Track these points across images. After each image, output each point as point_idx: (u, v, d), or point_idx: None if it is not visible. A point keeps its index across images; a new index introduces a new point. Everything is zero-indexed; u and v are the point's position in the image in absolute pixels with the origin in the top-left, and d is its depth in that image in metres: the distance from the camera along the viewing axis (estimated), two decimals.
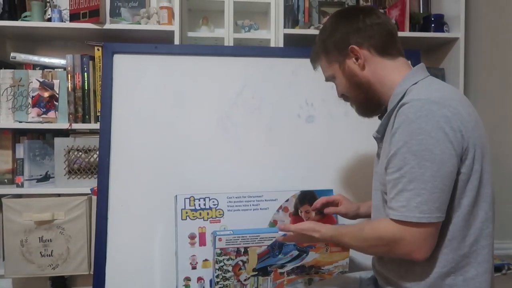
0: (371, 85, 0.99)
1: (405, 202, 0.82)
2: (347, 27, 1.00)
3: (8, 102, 1.88)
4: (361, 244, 0.94)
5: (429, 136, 0.80)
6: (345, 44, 0.99)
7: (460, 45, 2.05)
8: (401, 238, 0.83)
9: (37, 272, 1.81)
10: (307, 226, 1.04)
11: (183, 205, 1.35)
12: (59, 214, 1.79)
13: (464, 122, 0.83)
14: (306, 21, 2.07)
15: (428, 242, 0.83)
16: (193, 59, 1.58)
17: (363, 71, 0.99)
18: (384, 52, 0.98)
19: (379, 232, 0.87)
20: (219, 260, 1.23)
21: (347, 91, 1.05)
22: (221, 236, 1.22)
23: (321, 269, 1.32)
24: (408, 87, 0.91)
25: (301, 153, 1.55)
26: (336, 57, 1.02)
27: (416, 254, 0.83)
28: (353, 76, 1.00)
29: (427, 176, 0.80)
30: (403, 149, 0.82)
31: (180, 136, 1.52)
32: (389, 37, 1.00)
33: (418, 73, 0.95)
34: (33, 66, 1.96)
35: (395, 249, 0.85)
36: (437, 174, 0.80)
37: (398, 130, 0.84)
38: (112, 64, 1.55)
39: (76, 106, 1.89)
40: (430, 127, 0.80)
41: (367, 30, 0.98)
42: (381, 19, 1.00)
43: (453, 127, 0.81)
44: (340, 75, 1.03)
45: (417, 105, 0.82)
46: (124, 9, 1.99)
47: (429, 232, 0.82)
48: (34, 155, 1.91)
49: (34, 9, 1.89)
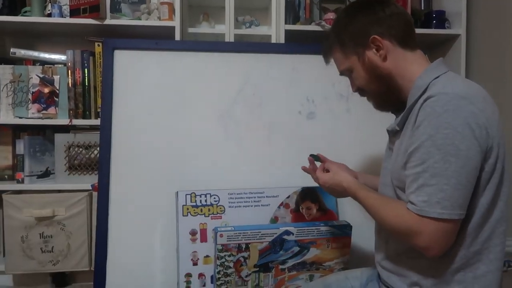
0: (392, 77, 0.96)
1: (426, 197, 0.80)
2: (366, 18, 0.96)
3: (8, 98, 1.87)
4: (379, 218, 0.94)
5: (455, 131, 0.78)
6: (365, 35, 0.95)
7: (462, 41, 2.04)
8: (419, 232, 0.81)
9: (38, 268, 1.81)
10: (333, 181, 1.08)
11: (184, 201, 1.35)
12: (60, 210, 1.80)
13: (490, 120, 0.82)
14: (307, 17, 2.06)
15: (445, 239, 0.81)
16: (194, 55, 1.58)
17: (384, 62, 0.95)
18: (404, 43, 0.96)
19: (398, 219, 0.86)
20: (221, 256, 1.23)
21: (367, 84, 1.00)
22: (222, 232, 1.22)
23: (322, 265, 1.32)
24: (430, 80, 0.89)
25: (302, 150, 1.54)
26: (354, 49, 0.98)
27: (431, 250, 0.82)
28: (374, 68, 0.96)
29: (451, 172, 0.78)
30: (427, 143, 0.80)
31: (181, 132, 1.52)
32: (408, 28, 0.97)
33: (440, 67, 0.93)
34: (33, 62, 1.95)
35: (411, 240, 0.84)
36: (462, 170, 0.78)
37: (423, 123, 0.82)
38: (112, 60, 1.54)
39: (76, 102, 1.89)
40: (457, 122, 0.78)
41: (387, 20, 0.95)
42: (399, 9, 0.98)
43: (479, 124, 0.79)
44: (359, 67, 0.99)
45: (445, 99, 0.80)
46: (124, 5, 1.98)
47: (449, 229, 0.80)
48: (35, 151, 1.91)
49: (34, 4, 1.88)
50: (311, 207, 1.43)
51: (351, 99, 1.60)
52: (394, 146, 0.98)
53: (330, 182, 1.09)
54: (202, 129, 1.53)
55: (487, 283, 0.86)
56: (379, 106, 1.04)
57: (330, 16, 2.02)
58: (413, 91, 0.92)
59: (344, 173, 1.09)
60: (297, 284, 1.31)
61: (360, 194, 1.00)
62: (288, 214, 1.41)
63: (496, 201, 0.85)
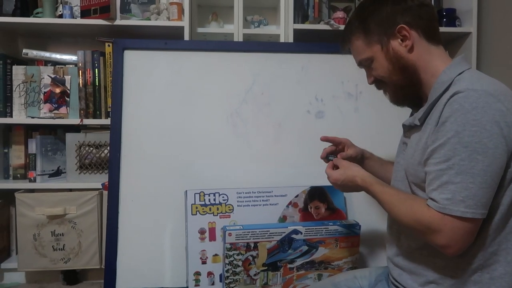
0: (416, 69, 0.93)
1: (450, 194, 0.78)
2: (394, 6, 0.93)
3: (20, 98, 1.90)
4: (395, 214, 0.91)
5: (483, 128, 0.76)
6: (392, 24, 0.92)
7: (473, 39, 2.02)
8: (438, 229, 0.80)
9: (49, 266, 1.84)
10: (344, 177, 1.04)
11: (193, 200, 1.35)
12: (71, 209, 1.82)
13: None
14: (316, 16, 2.06)
15: (466, 239, 0.80)
16: (203, 55, 1.58)
17: (410, 53, 0.92)
18: (430, 37, 0.93)
19: (417, 216, 0.84)
20: (229, 255, 1.24)
21: (388, 75, 0.96)
22: (231, 231, 1.23)
23: (330, 265, 1.32)
24: (455, 76, 0.87)
25: (310, 149, 1.54)
26: (379, 38, 0.95)
27: (450, 249, 0.80)
28: (398, 59, 0.93)
29: (477, 170, 0.76)
30: (454, 140, 0.78)
31: (190, 131, 1.53)
32: (434, 22, 0.95)
33: (463, 63, 0.91)
34: (45, 62, 1.98)
35: (429, 237, 0.82)
36: (488, 169, 0.76)
37: (450, 119, 0.79)
38: (122, 60, 1.56)
39: (87, 102, 1.91)
40: (485, 119, 0.76)
41: (416, 10, 0.92)
42: (427, 1, 0.95)
43: (508, 123, 0.78)
44: (382, 57, 0.95)
45: (474, 96, 0.78)
46: (134, 5, 2.00)
47: (470, 228, 0.79)
48: (46, 150, 1.93)
49: (45, 6, 1.90)
50: (319, 206, 1.43)
51: (360, 98, 1.60)
52: (410, 141, 0.96)
53: (341, 178, 1.04)
54: (211, 128, 1.54)
55: (503, 285, 0.84)
56: (397, 99, 1.01)
57: (339, 15, 2.01)
58: (436, 85, 0.89)
59: (356, 167, 1.05)
60: (306, 283, 1.31)
61: (375, 188, 0.96)
62: (297, 213, 1.41)
63: None
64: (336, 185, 1.08)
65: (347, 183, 1.04)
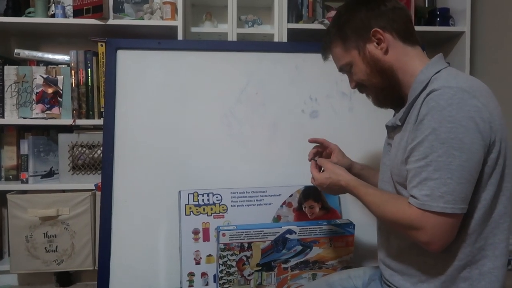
0: (393, 71, 0.95)
1: (429, 191, 0.79)
2: (368, 11, 0.96)
3: (12, 98, 1.88)
4: (379, 214, 0.93)
5: (459, 124, 0.77)
6: (367, 28, 0.95)
7: (466, 39, 2.03)
8: (420, 226, 0.81)
9: (42, 268, 1.82)
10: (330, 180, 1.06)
11: (187, 200, 1.35)
12: (64, 210, 1.80)
13: (492, 114, 0.81)
14: (310, 15, 2.05)
15: (447, 234, 0.80)
16: (197, 55, 1.58)
17: (386, 55, 0.95)
18: (405, 38, 0.95)
19: (399, 215, 0.85)
20: (223, 255, 1.23)
21: (368, 78, 0.99)
22: (224, 231, 1.22)
23: (325, 264, 1.31)
24: (432, 75, 0.88)
25: (305, 149, 1.53)
26: (355, 43, 0.97)
27: (432, 245, 0.81)
28: (375, 62, 0.96)
29: (454, 166, 0.77)
30: (431, 137, 0.79)
31: (184, 131, 1.52)
32: (409, 23, 0.97)
33: (440, 62, 0.92)
34: (37, 62, 1.96)
35: (412, 235, 0.83)
36: (465, 164, 0.77)
37: (427, 117, 0.81)
38: (115, 60, 1.54)
39: (80, 102, 1.89)
40: (461, 115, 0.77)
41: (389, 14, 0.95)
42: (400, 4, 0.98)
43: (483, 118, 0.79)
44: (360, 61, 0.98)
45: (449, 93, 0.79)
46: (127, 5, 1.99)
47: (451, 223, 0.79)
48: (39, 151, 1.92)
49: (37, 5, 1.89)
50: (314, 206, 1.43)
51: (354, 97, 1.60)
52: (394, 142, 0.98)
53: (327, 182, 1.07)
54: (205, 128, 1.53)
55: (493, 279, 0.85)
56: (379, 101, 1.03)
57: (333, 14, 2.00)
58: (414, 85, 0.91)
59: (341, 171, 1.07)
60: (300, 283, 1.31)
61: (359, 191, 0.98)
62: (291, 213, 1.41)
63: (498, 196, 0.84)
64: (321, 187, 1.10)
65: (332, 186, 1.06)
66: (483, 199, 0.83)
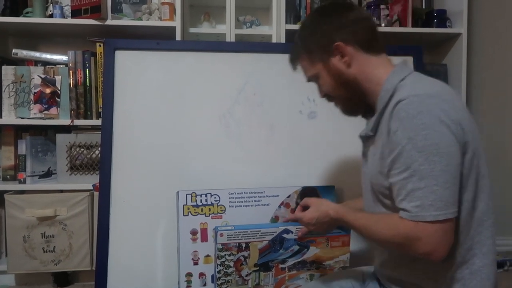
0: (358, 82, 0.96)
1: (418, 201, 0.78)
2: (330, 24, 0.97)
3: (10, 98, 1.88)
4: (374, 236, 0.90)
5: (433, 130, 0.78)
6: (330, 42, 0.95)
7: (463, 40, 2.04)
8: (417, 238, 0.79)
9: (40, 268, 1.82)
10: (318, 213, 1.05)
11: (185, 201, 1.35)
12: (61, 210, 1.80)
13: (460, 115, 0.82)
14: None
15: (446, 240, 0.79)
16: (195, 55, 1.58)
17: (349, 68, 0.96)
18: (369, 48, 0.96)
19: (393, 231, 0.84)
20: (221, 256, 1.23)
21: (333, 90, 1.01)
22: (222, 232, 1.22)
23: (322, 265, 1.32)
24: (397, 83, 0.89)
25: (303, 149, 1.55)
26: (320, 56, 0.99)
27: (435, 254, 0.79)
28: (339, 75, 0.97)
29: (437, 171, 0.77)
30: (408, 147, 0.79)
31: (182, 132, 1.52)
32: (373, 33, 0.97)
33: (404, 69, 0.93)
34: (35, 63, 1.96)
35: (411, 249, 0.81)
36: (447, 168, 0.77)
37: (400, 128, 0.81)
38: (113, 60, 1.55)
39: (78, 102, 1.89)
40: (432, 121, 0.78)
41: (351, 26, 0.95)
42: (363, 15, 0.99)
43: (453, 120, 0.80)
44: (325, 74, 1.00)
45: (416, 101, 0.81)
46: (125, 5, 1.99)
47: (447, 228, 0.79)
48: (36, 151, 1.92)
49: (35, 5, 1.89)
50: None
51: None
52: (369, 152, 0.98)
53: (316, 215, 1.06)
54: (203, 129, 1.53)
55: (483, 277, 0.86)
56: (347, 111, 1.05)
57: None
58: (381, 94, 0.91)
59: (326, 201, 1.09)
60: (298, 283, 1.31)
61: (350, 217, 0.98)
62: (289, 213, 1.41)
63: (478, 195, 0.85)
64: (311, 224, 1.09)
65: (322, 219, 1.06)
66: (465, 200, 0.83)
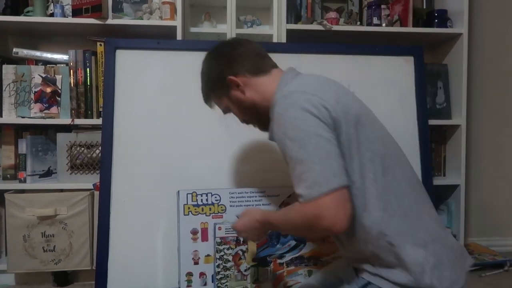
0: (256, 103, 1.08)
1: (306, 183, 0.85)
2: (220, 64, 1.10)
3: (10, 97, 1.88)
4: (291, 228, 0.98)
5: (297, 119, 0.88)
6: (223, 78, 1.08)
7: (464, 40, 2.03)
8: (317, 216, 0.84)
9: (40, 267, 1.82)
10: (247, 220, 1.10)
11: (186, 200, 1.35)
12: (62, 210, 1.80)
13: (326, 98, 0.90)
14: (308, 16, 2.06)
15: (342, 210, 0.84)
16: (196, 55, 1.57)
17: (246, 95, 1.08)
18: (257, 72, 1.08)
19: (299, 217, 0.89)
20: (220, 250, 1.24)
21: (243, 116, 1.14)
22: (220, 225, 1.23)
23: (320, 260, 1.32)
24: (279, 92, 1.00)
25: None
26: (222, 92, 1.11)
27: (336, 227, 0.84)
28: (240, 102, 1.10)
29: (311, 152, 0.85)
30: (284, 140, 0.89)
31: (182, 131, 1.52)
32: (257, 58, 1.10)
33: (287, 77, 1.04)
34: (36, 62, 1.95)
35: (317, 228, 0.86)
36: (317, 147, 0.86)
37: (275, 127, 0.93)
38: (114, 60, 1.55)
39: (78, 102, 1.89)
40: (296, 112, 0.89)
41: (238, 59, 1.08)
42: (245, 46, 1.11)
43: (315, 105, 0.89)
44: (231, 105, 1.12)
45: (282, 100, 0.93)
46: (126, 4, 1.99)
47: (338, 199, 0.84)
48: (37, 150, 1.92)
49: (36, 4, 1.88)
50: None
51: None
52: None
53: (244, 220, 1.11)
54: (204, 129, 1.53)
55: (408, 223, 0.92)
56: (262, 128, 1.15)
57: (331, 15, 2.01)
58: (271, 105, 1.01)
59: (253, 208, 1.17)
60: (296, 279, 1.31)
61: (272, 218, 1.03)
62: None
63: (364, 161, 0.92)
64: (243, 232, 1.13)
65: (252, 224, 1.09)
66: (356, 169, 0.91)
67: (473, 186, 2.38)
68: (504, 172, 2.40)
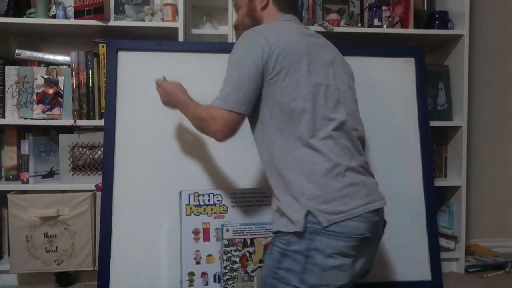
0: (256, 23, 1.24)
1: (219, 95, 1.09)
2: None
3: (13, 98, 1.89)
4: (192, 117, 1.19)
5: (239, 51, 1.09)
6: None
7: (465, 42, 2.04)
8: (212, 117, 1.08)
9: (42, 268, 1.82)
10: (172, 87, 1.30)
11: (188, 200, 1.35)
12: (64, 210, 1.80)
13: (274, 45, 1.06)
14: (310, 18, 2.07)
15: (229, 127, 1.08)
16: (197, 56, 1.59)
17: (259, 10, 1.25)
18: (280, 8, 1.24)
19: (204, 112, 1.11)
20: (227, 251, 1.24)
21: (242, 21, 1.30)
22: (228, 227, 1.23)
23: None
24: None
25: None
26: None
27: (218, 135, 1.09)
28: (251, 11, 1.26)
29: (232, 77, 1.07)
30: (229, 60, 1.11)
31: (184, 132, 1.53)
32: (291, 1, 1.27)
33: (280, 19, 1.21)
34: (38, 63, 1.96)
35: (207, 125, 1.10)
36: (240, 77, 1.06)
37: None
38: (116, 61, 1.55)
39: (80, 103, 1.90)
40: (242, 45, 1.09)
41: None
42: None
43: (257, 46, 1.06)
44: (245, 6, 1.28)
45: (244, 34, 1.12)
46: (128, 6, 2.00)
47: (231, 119, 1.06)
48: (39, 151, 1.92)
49: (38, 6, 1.89)
50: None
51: None
52: None
53: (171, 84, 1.31)
54: None
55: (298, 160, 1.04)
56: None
57: (333, 17, 2.02)
58: None
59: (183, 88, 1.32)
60: None
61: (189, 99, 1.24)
62: None
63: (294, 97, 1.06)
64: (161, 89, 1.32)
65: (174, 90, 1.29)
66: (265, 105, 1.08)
67: (474, 187, 2.38)
68: (505, 173, 2.40)
